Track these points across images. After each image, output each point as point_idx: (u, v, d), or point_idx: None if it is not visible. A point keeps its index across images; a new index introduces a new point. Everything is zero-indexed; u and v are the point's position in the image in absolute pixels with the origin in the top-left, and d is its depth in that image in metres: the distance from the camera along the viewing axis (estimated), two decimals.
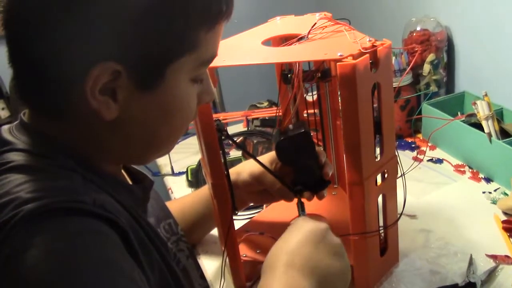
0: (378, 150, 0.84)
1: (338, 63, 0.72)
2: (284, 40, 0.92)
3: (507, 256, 0.94)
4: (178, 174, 1.41)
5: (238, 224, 1.02)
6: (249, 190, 0.95)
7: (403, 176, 0.90)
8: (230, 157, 1.41)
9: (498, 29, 1.32)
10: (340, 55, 0.73)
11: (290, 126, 0.86)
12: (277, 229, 1.00)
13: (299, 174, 0.87)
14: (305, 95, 1.03)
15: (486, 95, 1.25)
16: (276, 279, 0.62)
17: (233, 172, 0.92)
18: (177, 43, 0.55)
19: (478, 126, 1.23)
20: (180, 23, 0.54)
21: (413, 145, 1.39)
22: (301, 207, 0.84)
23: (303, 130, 0.83)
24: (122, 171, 0.70)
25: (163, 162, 1.46)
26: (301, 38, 0.85)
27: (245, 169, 0.94)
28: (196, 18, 0.55)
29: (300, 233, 0.68)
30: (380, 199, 0.87)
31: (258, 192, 0.95)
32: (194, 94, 0.62)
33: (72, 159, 0.56)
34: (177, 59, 0.55)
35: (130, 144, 0.60)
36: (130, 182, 0.70)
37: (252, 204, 1.08)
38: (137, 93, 0.55)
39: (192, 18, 0.55)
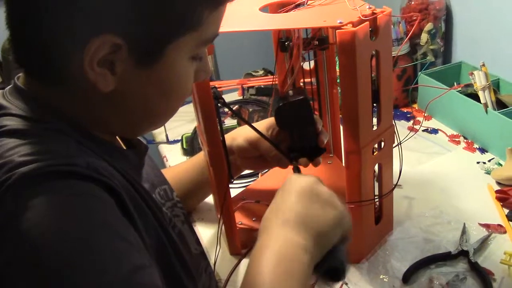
0: (375, 120, 0.84)
1: (337, 31, 0.71)
2: (282, 6, 0.91)
3: (499, 225, 0.96)
4: (173, 142, 1.40)
5: (234, 192, 1.03)
6: (244, 155, 0.95)
7: (399, 146, 0.90)
8: (225, 125, 1.40)
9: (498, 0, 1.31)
10: (340, 23, 0.72)
11: (290, 92, 0.86)
12: (272, 197, 1.01)
13: (296, 140, 0.87)
14: (302, 63, 1.02)
15: (483, 65, 1.24)
16: (272, 238, 0.62)
17: (228, 137, 0.92)
18: (180, 21, 0.54)
19: (474, 97, 1.23)
20: (185, 1, 0.53)
21: (408, 115, 1.39)
22: (297, 172, 0.84)
23: (303, 97, 0.83)
24: (117, 137, 0.70)
25: (157, 130, 1.45)
26: (299, 5, 0.84)
27: (240, 135, 0.94)
28: None
29: (292, 191, 0.67)
30: (376, 168, 0.88)
31: (253, 158, 0.95)
32: (192, 71, 0.61)
33: (67, 125, 0.56)
34: (179, 37, 0.55)
35: (125, 117, 0.60)
36: (124, 148, 0.70)
37: (247, 171, 1.08)
38: (136, 68, 0.54)
39: None
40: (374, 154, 0.85)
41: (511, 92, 1.25)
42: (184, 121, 1.47)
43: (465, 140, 1.25)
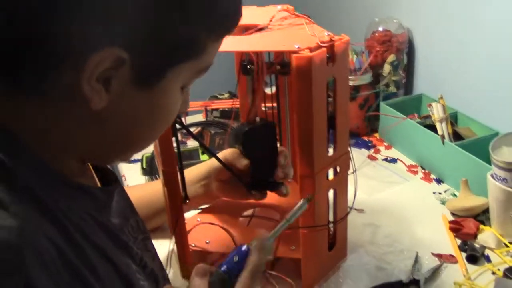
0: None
1: (294, 55, 0.72)
2: (245, 29, 0.91)
3: (451, 255, 0.97)
4: (132, 162, 1.38)
5: (191, 214, 1.01)
6: (219, 177, 0.95)
7: (354, 173, 0.90)
8: (188, 147, 1.39)
9: (458, 35, 1.35)
10: (298, 47, 0.73)
11: (257, 119, 0.87)
12: (228, 220, 1.00)
13: (255, 170, 0.88)
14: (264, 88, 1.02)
15: (441, 97, 1.27)
16: None
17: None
18: (187, 45, 0.52)
19: (433, 128, 1.25)
20: (197, 26, 0.52)
21: (369, 144, 1.41)
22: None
23: (270, 121, 0.87)
24: (91, 168, 0.66)
25: None
26: (261, 29, 0.85)
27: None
28: (211, 26, 0.53)
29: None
30: (331, 194, 0.88)
31: (228, 183, 0.95)
32: (180, 101, 0.59)
33: (32, 166, 0.50)
34: (181, 62, 0.53)
35: (105, 139, 0.56)
36: (98, 183, 0.66)
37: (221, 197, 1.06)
38: (131, 88, 0.51)
39: (207, 25, 0.53)
40: (329, 179, 0.85)
41: (468, 125, 1.28)
42: None
43: (422, 171, 1.27)
